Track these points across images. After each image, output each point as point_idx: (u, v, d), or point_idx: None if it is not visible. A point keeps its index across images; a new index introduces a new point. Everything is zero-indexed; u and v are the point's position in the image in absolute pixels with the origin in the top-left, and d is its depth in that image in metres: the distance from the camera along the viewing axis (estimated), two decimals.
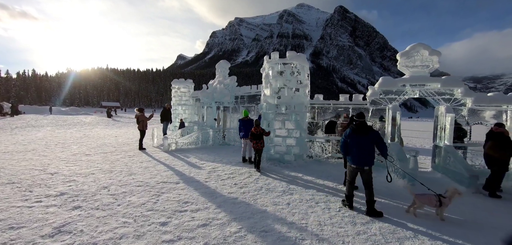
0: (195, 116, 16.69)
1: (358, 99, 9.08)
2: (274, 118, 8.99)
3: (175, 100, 17.15)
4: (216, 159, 9.53)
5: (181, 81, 16.93)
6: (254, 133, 8.14)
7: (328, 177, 7.34)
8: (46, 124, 22.82)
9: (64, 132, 16.99)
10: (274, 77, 8.91)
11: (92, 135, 16.27)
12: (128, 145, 12.40)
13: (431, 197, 4.71)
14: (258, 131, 8.18)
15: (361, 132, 4.69)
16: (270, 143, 9.12)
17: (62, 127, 20.75)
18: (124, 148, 11.32)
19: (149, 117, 11.23)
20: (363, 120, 4.77)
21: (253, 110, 11.84)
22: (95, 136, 15.84)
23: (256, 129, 8.18)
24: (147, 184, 6.17)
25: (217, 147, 12.27)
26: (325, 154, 9.38)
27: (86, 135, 16.23)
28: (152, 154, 10.11)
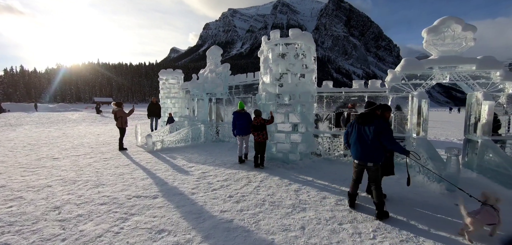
0: (185, 110, 15.14)
1: (375, 85, 7.67)
2: (276, 110, 7.55)
3: (164, 92, 15.55)
4: (208, 160, 8.09)
5: (169, 71, 15.31)
6: (255, 124, 6.99)
7: (345, 181, 5.97)
8: (27, 122, 21.06)
9: (42, 132, 15.32)
10: (275, 61, 7.43)
11: (72, 133, 14.66)
12: (108, 144, 10.87)
13: (490, 211, 3.38)
14: (258, 121, 6.95)
15: (365, 122, 4.06)
16: (271, 140, 7.71)
17: (42, 125, 19.03)
18: (102, 149, 9.80)
19: (128, 112, 9.70)
20: (369, 109, 4.11)
21: (250, 102, 10.37)
22: (75, 134, 14.25)
23: (257, 119, 6.97)
24: (115, 201, 4.71)
25: (210, 145, 10.82)
26: (336, 151, 8.00)
27: (66, 133, 14.62)
28: (132, 156, 8.62)
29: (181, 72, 15.64)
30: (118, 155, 8.78)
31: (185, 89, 14.97)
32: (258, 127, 7.05)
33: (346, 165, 7.49)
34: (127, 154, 8.98)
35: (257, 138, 7.05)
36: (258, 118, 7.10)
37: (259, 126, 7.05)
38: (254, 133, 7.04)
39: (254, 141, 7.12)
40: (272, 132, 7.70)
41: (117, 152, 9.30)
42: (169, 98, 15.49)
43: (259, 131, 7.04)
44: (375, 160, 3.98)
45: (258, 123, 7.06)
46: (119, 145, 9.56)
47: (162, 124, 15.85)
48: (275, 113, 7.57)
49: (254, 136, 7.08)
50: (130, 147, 10.11)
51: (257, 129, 7.05)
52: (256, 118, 7.10)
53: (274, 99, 7.58)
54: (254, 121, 7.10)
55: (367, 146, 3.99)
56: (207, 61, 12.25)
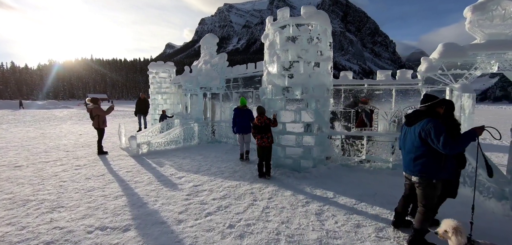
0: (177, 107, 13.70)
1: (405, 76, 6.34)
2: (284, 107, 6.19)
3: (154, 87, 14.07)
4: (202, 167, 6.73)
5: (159, 64, 13.81)
6: (258, 125, 5.65)
7: (376, 198, 4.68)
8: (7, 121, 19.44)
9: (18, 132, 13.77)
10: (283, 46, 6.05)
11: (51, 133, 13.14)
12: (88, 147, 9.42)
13: None
14: (262, 121, 5.63)
15: (412, 121, 3.15)
16: (279, 143, 6.36)
17: (22, 124, 17.43)
18: (78, 153, 8.36)
19: (107, 110, 8.24)
20: (427, 106, 3.09)
21: (251, 97, 8.99)
22: (55, 135, 12.74)
23: (260, 118, 5.66)
24: (67, 237, 3.33)
25: (205, 147, 9.44)
26: (356, 155, 6.69)
27: (45, 134, 13.10)
28: (112, 162, 7.20)
29: (172, 64, 14.16)
30: (95, 161, 7.36)
31: (177, 84, 13.51)
32: (262, 129, 5.70)
33: (370, 174, 6.19)
34: (106, 159, 7.57)
35: (261, 141, 5.72)
36: (262, 117, 5.76)
37: (263, 127, 5.71)
38: (257, 136, 5.70)
39: (258, 146, 5.78)
40: (277, 133, 6.34)
41: (96, 157, 7.88)
42: (160, 94, 14.02)
43: (263, 134, 5.69)
44: (422, 173, 2.97)
45: (262, 123, 5.71)
46: (98, 149, 8.13)
47: (152, 122, 14.40)
48: (284, 111, 6.22)
49: (257, 139, 5.74)
50: (112, 150, 8.69)
51: (261, 130, 5.69)
52: (260, 117, 5.74)
53: (281, 93, 6.22)
54: (257, 120, 5.75)
55: (411, 153, 3.07)
56: (201, 52, 10.81)
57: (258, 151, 5.80)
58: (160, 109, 14.15)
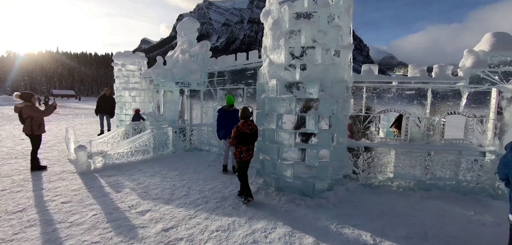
0: (149, 106, 11.52)
1: (445, 73, 4.94)
2: (294, 109, 4.51)
3: (120, 82, 11.73)
4: (177, 191, 4.87)
5: (127, 54, 11.51)
6: (246, 132, 4.23)
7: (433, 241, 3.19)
8: None
9: None
10: (294, 25, 4.37)
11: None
12: (23, 158, 7.07)
13: None
14: (251, 129, 4.29)
15: None
16: (283, 159, 4.69)
17: None
18: (5, 168, 6.07)
19: (45, 111, 6.02)
20: None
21: (241, 95, 7.18)
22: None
23: (246, 124, 4.25)
24: None
25: (181, 157, 7.51)
26: (380, 173, 5.22)
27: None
28: (48, 184, 5.08)
29: (143, 55, 11.91)
30: (24, 182, 5.18)
31: (148, 78, 11.34)
32: (249, 137, 4.26)
33: (400, 197, 4.76)
34: (42, 179, 5.41)
35: (246, 155, 4.30)
36: (249, 121, 4.30)
37: (251, 136, 4.27)
38: (242, 147, 4.27)
39: (240, 161, 4.32)
40: (281, 145, 4.68)
41: (27, 174, 5.67)
42: (127, 90, 11.72)
43: (249, 144, 4.30)
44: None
45: (251, 131, 4.24)
46: (32, 163, 5.91)
47: (118, 124, 12.06)
48: (292, 114, 4.55)
49: (240, 152, 4.29)
50: (55, 164, 6.49)
51: (247, 139, 4.25)
52: (245, 122, 4.25)
53: (288, 90, 4.54)
54: (244, 126, 4.23)
55: None
56: (178, 39, 8.83)
57: (241, 168, 4.33)
58: (127, 108, 11.85)
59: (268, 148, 4.87)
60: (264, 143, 4.96)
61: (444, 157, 5.02)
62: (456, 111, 5.07)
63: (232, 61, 7.14)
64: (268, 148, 4.89)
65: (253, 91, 6.61)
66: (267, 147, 4.90)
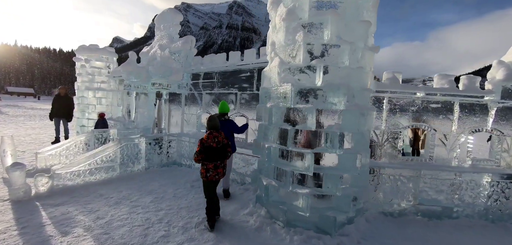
0: (117, 110, 9.90)
1: (474, 85, 4.28)
2: (314, 123, 3.49)
3: (82, 81, 9.96)
4: (152, 229, 3.60)
5: (92, 48, 9.79)
6: (213, 146, 3.60)
7: None
8: None
9: None
10: (315, 17, 3.39)
11: None
12: None
13: None
14: (221, 140, 3.68)
15: None
16: (293, 188, 3.65)
17: None
18: None
19: None
20: None
21: (234, 101, 5.99)
22: None
23: (211, 135, 3.63)
24: None
25: (156, 174, 6.15)
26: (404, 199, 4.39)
27: None
28: None
29: (113, 51, 10.27)
30: None
31: (117, 78, 9.75)
32: (217, 152, 3.62)
33: (430, 231, 3.97)
34: None
35: (214, 173, 3.64)
36: (215, 133, 3.66)
37: (219, 150, 3.64)
38: (209, 165, 3.62)
39: (206, 180, 3.65)
40: (292, 166, 3.66)
41: None
42: (91, 90, 9.98)
43: (217, 160, 3.64)
44: None
45: (218, 145, 3.63)
46: None
47: (78, 130, 10.22)
48: (310, 129, 3.55)
49: (207, 170, 3.62)
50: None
51: (214, 155, 3.60)
52: (211, 134, 3.63)
53: (303, 99, 3.53)
54: (210, 139, 3.59)
55: None
56: (156, 34, 7.51)
57: (207, 189, 3.71)
58: (90, 111, 10.10)
59: (275, 171, 3.82)
60: (269, 164, 3.90)
61: (473, 180, 4.35)
62: (482, 128, 4.45)
63: (223, 61, 6.00)
64: (274, 171, 3.84)
65: (249, 97, 5.53)
66: (273, 170, 3.85)
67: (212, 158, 3.56)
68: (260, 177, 4.12)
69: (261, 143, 4.14)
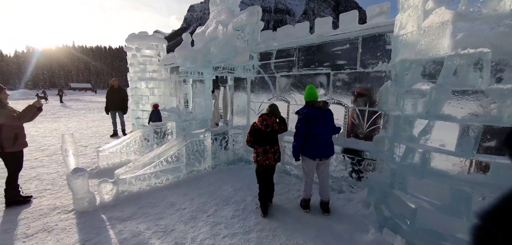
0: (170, 100, 9.31)
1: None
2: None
3: (134, 71, 9.57)
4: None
5: (142, 36, 9.26)
6: (262, 129, 3.51)
7: None
8: None
9: None
10: None
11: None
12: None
13: None
14: (270, 123, 3.49)
15: None
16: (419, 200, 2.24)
17: None
18: None
19: (23, 114, 3.80)
20: None
21: (323, 85, 4.57)
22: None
23: (261, 118, 3.53)
24: None
25: (225, 175, 5.21)
26: None
27: None
28: (23, 239, 2.93)
29: (162, 37, 9.64)
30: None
31: (168, 66, 9.09)
32: (265, 137, 3.54)
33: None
34: (16, 225, 3.29)
35: (264, 158, 3.56)
36: (265, 116, 3.56)
37: (267, 135, 3.55)
38: (258, 149, 3.60)
39: (257, 164, 3.68)
40: (457, 179, 2.23)
41: (0, 212, 3.58)
42: (143, 80, 9.55)
43: (266, 145, 3.55)
44: None
45: (266, 128, 3.51)
46: (6, 197, 3.79)
47: (134, 122, 9.96)
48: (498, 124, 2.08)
49: (255, 154, 3.65)
50: (47, 189, 4.39)
51: (263, 139, 3.55)
52: (261, 117, 3.56)
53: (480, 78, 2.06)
54: (260, 122, 3.53)
55: None
56: (211, 10, 6.43)
57: (258, 172, 3.69)
58: (144, 102, 9.72)
59: (411, 184, 2.47)
60: (404, 173, 2.54)
61: None
62: None
63: (305, 33, 4.64)
64: (408, 184, 2.48)
65: (348, 78, 4.12)
66: (406, 182, 2.50)
67: (261, 142, 3.54)
68: (392, 192, 2.80)
69: (394, 143, 2.78)
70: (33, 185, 4.63)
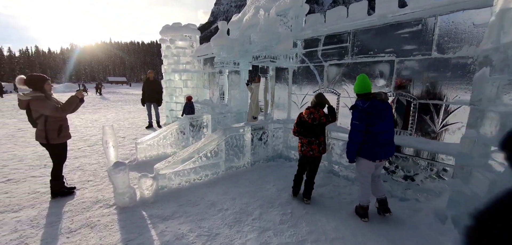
0: (204, 92, 9.16)
1: None
2: None
3: (168, 63, 9.55)
4: None
5: (175, 27, 9.16)
6: (308, 122, 3.47)
7: None
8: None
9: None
10: None
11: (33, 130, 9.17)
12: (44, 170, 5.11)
13: None
14: (317, 117, 3.41)
15: None
16: None
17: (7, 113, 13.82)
18: (25, 187, 4.11)
19: (66, 104, 3.72)
20: None
21: (384, 76, 3.93)
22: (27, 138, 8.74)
23: (308, 110, 3.49)
24: None
25: (265, 173, 4.84)
26: None
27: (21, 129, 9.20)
28: (67, 234, 2.82)
29: (195, 27, 9.47)
30: (32, 226, 3.01)
31: (202, 58, 8.90)
32: (310, 129, 3.47)
33: None
34: (61, 218, 3.23)
35: (308, 148, 3.51)
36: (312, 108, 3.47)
37: (313, 127, 3.46)
38: (303, 139, 3.57)
39: (301, 153, 3.62)
40: None
41: (45, 205, 3.58)
42: (177, 72, 9.51)
43: (311, 137, 3.48)
44: None
45: (313, 121, 3.41)
46: (51, 187, 3.79)
47: (168, 115, 10.01)
48: None
49: (300, 144, 3.62)
50: (89, 180, 4.38)
51: (308, 131, 3.49)
52: (308, 110, 3.49)
53: None
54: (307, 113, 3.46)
55: None
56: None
57: (301, 161, 3.70)
58: (177, 94, 9.70)
59: None
60: None
61: None
62: None
63: (362, 14, 4.02)
64: None
65: (418, 66, 3.44)
66: None
67: (307, 133, 3.52)
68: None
69: (491, 146, 2.16)
70: (76, 176, 4.67)
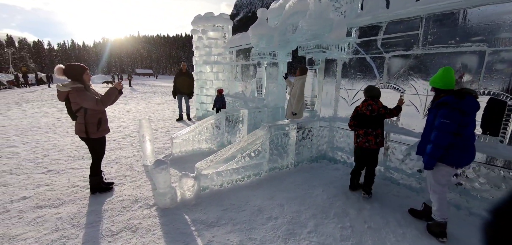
0: (235, 85, 8.81)
1: None
2: None
3: (200, 55, 9.31)
4: None
5: (208, 17, 8.85)
6: (366, 114, 3.38)
7: None
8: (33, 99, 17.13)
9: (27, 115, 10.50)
10: None
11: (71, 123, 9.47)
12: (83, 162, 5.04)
13: None
14: (376, 108, 3.35)
15: None
16: None
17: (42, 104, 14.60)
18: (64, 180, 4.04)
19: (106, 96, 3.50)
20: None
21: (468, 70, 3.28)
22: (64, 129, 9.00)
23: (366, 103, 3.43)
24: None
25: (311, 176, 4.37)
26: None
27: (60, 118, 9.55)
28: (107, 237, 2.60)
29: (228, 18, 9.10)
30: (72, 225, 2.84)
31: (234, 49, 8.53)
32: (369, 120, 3.37)
33: None
34: (101, 216, 3.03)
35: (364, 139, 3.45)
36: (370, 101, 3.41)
37: (372, 119, 3.36)
38: (359, 131, 3.48)
39: (356, 145, 3.57)
40: None
41: (84, 202, 3.42)
42: (208, 64, 9.25)
43: (370, 129, 3.39)
44: None
45: (371, 113, 3.35)
46: (90, 183, 3.62)
47: (198, 107, 9.83)
48: None
49: (355, 136, 3.58)
50: (126, 175, 4.21)
51: (366, 122, 3.39)
52: (365, 102, 3.44)
53: None
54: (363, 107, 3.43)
55: None
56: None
57: (356, 153, 3.64)
58: (208, 87, 9.47)
59: None
60: None
61: None
62: None
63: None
64: None
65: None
66: None
67: (363, 124, 3.41)
68: None
69: None
70: (113, 169, 4.53)
